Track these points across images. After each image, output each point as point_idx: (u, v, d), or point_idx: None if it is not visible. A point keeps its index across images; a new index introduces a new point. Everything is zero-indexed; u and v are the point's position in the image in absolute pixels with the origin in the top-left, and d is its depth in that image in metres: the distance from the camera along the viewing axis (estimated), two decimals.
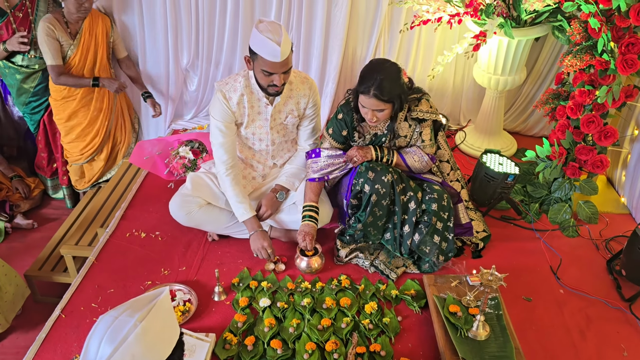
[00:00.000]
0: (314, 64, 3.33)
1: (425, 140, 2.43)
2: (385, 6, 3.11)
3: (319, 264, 2.43)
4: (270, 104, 2.41)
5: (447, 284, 2.30)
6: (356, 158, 2.39)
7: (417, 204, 2.36)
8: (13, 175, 3.58)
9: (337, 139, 2.47)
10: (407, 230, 2.38)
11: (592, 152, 2.64)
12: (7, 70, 3.26)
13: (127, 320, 1.11)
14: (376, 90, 2.17)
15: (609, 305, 2.34)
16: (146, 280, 2.39)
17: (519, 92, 3.49)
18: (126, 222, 2.74)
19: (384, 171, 2.33)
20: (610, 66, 2.42)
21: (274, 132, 2.51)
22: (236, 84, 2.38)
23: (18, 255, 3.22)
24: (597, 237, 2.72)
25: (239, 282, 2.39)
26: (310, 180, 2.48)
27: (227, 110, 2.38)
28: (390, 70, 2.23)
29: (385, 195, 2.33)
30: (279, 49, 2.11)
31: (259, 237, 2.39)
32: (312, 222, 2.41)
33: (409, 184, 2.38)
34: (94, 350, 1.10)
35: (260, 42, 2.14)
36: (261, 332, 2.13)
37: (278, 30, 2.15)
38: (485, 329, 2.05)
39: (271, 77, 2.23)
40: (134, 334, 1.10)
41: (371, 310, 2.22)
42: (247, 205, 2.42)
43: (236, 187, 2.42)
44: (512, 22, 2.74)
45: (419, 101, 2.37)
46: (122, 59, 3.42)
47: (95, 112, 3.34)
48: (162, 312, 1.17)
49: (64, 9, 3.06)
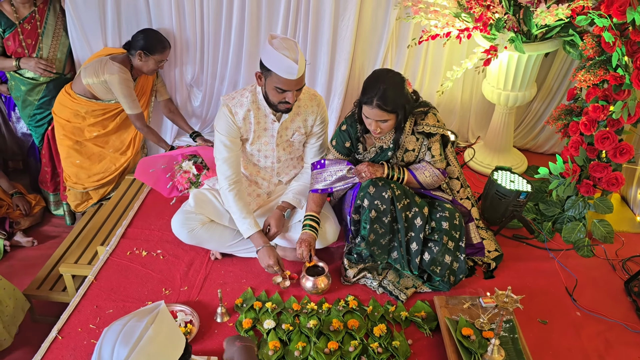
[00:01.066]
0: (321, 78, 3.28)
1: (435, 156, 2.36)
2: (393, 21, 3.07)
3: (326, 284, 2.34)
4: (277, 120, 2.36)
5: (459, 305, 2.21)
6: (364, 174, 2.32)
7: (424, 220, 2.28)
8: (14, 192, 3.52)
9: (341, 150, 2.41)
10: (415, 248, 2.30)
11: (606, 169, 2.57)
12: (13, 82, 3.25)
13: (137, 325, 1.17)
14: (379, 100, 2.12)
15: (629, 329, 2.24)
16: (147, 300, 2.31)
17: (529, 109, 3.43)
18: (127, 240, 2.67)
19: (385, 187, 2.25)
20: (625, 81, 2.36)
21: (280, 149, 2.45)
22: (243, 99, 2.32)
23: (17, 274, 3.14)
24: (614, 257, 2.63)
25: (242, 303, 2.30)
26: (313, 191, 2.42)
27: (232, 125, 2.33)
28: (393, 80, 2.18)
29: (385, 212, 2.26)
30: (297, 67, 2.07)
31: (267, 252, 2.31)
32: (312, 232, 2.34)
33: (414, 199, 2.30)
34: (107, 354, 1.13)
35: (275, 59, 2.09)
36: (265, 355, 2.04)
37: (294, 47, 2.11)
38: (501, 354, 1.96)
39: (284, 94, 2.18)
40: (147, 336, 1.15)
41: (380, 333, 2.12)
42: (252, 221, 2.35)
43: (240, 202, 2.35)
44: (523, 37, 2.69)
45: (425, 115, 2.31)
46: (164, 101, 3.44)
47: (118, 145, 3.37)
48: (167, 318, 1.23)
49: (135, 61, 3.06)
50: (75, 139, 3.27)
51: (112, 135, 3.33)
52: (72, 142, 3.27)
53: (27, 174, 3.81)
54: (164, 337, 1.19)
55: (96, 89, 3.08)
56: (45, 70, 3.16)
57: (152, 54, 3.03)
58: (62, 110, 3.21)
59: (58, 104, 3.23)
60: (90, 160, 3.35)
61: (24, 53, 3.15)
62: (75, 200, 3.50)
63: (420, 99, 2.34)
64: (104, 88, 3.06)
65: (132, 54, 3.04)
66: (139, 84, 3.22)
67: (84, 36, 3.24)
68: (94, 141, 3.30)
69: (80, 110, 3.17)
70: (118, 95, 3.04)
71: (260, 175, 2.55)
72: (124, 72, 3.01)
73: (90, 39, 3.25)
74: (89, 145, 3.31)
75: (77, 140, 3.27)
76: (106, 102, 3.16)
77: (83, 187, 3.39)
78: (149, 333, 1.16)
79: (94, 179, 3.37)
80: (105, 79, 2.99)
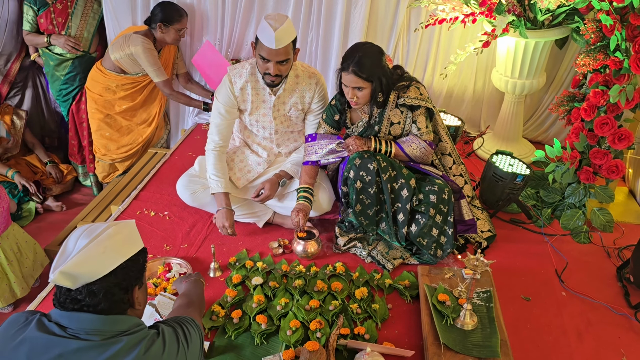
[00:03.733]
0: (333, 63, 3.39)
1: (422, 128, 2.41)
2: (404, 8, 3.15)
3: (315, 248, 2.44)
4: (273, 94, 2.48)
5: (440, 275, 2.27)
6: (352, 147, 2.40)
7: (411, 191, 2.34)
8: (48, 161, 3.81)
9: (331, 124, 2.50)
10: (401, 219, 2.37)
11: (607, 156, 2.56)
12: (44, 57, 3.53)
13: (100, 225, 1.33)
14: (355, 66, 2.20)
15: (613, 311, 2.23)
16: (149, 253, 2.46)
17: (540, 101, 3.42)
18: (138, 201, 2.86)
19: (370, 159, 2.32)
20: (624, 65, 2.36)
21: (277, 122, 2.57)
22: (243, 70, 2.46)
23: (42, 234, 3.38)
24: (611, 245, 2.61)
25: (235, 262, 2.43)
26: (305, 163, 2.53)
27: (230, 94, 2.47)
28: (370, 50, 2.26)
29: (371, 183, 2.33)
30: (274, 34, 2.17)
31: (226, 214, 2.44)
32: (306, 202, 2.44)
33: (401, 171, 2.36)
34: (71, 245, 1.27)
35: (261, 27, 2.22)
36: (249, 307, 2.15)
37: (282, 19, 2.22)
38: (473, 319, 2.00)
39: (266, 64, 2.29)
40: (106, 232, 1.29)
41: (361, 296, 2.20)
42: (224, 182, 2.47)
43: (218, 163, 2.49)
44: (528, 23, 2.72)
45: (407, 88, 2.36)
46: (182, 74, 3.67)
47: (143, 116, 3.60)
48: (130, 226, 1.37)
49: (157, 34, 3.27)
50: (106, 112, 3.52)
51: (140, 109, 3.57)
52: (103, 115, 3.52)
53: (63, 148, 4.10)
54: (122, 237, 1.31)
55: (124, 62, 3.31)
56: (73, 47, 3.44)
57: (171, 24, 3.23)
58: (95, 85, 3.46)
59: (91, 80, 3.49)
60: (120, 133, 3.60)
61: (54, 30, 3.43)
62: (102, 172, 3.75)
63: (406, 74, 2.40)
64: (131, 61, 3.28)
65: (153, 27, 3.26)
66: (162, 57, 3.42)
67: (114, 16, 3.49)
68: (123, 114, 3.54)
69: (111, 84, 3.42)
70: (144, 64, 3.25)
71: (260, 145, 2.68)
72: (147, 42, 3.23)
73: (120, 18, 3.50)
74: (118, 118, 3.55)
75: (107, 113, 3.52)
76: (134, 75, 3.39)
77: (111, 159, 3.64)
78: (109, 231, 1.29)
79: (122, 150, 3.62)
80: (131, 51, 3.22)
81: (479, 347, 1.91)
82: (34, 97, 3.91)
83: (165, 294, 2.11)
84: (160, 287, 2.23)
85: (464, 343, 1.92)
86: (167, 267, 2.34)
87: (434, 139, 2.52)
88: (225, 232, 2.45)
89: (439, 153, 2.58)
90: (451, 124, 3.10)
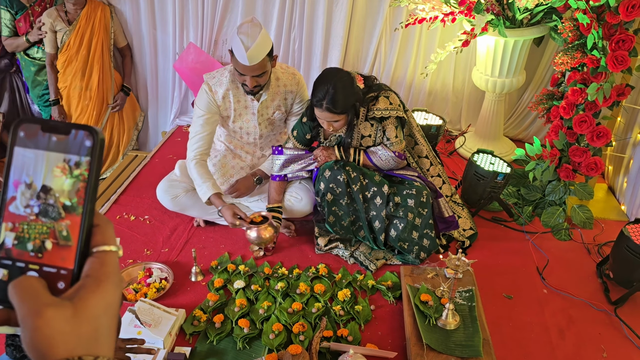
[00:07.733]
0: (315, 62, 3.39)
1: (391, 138, 2.37)
2: (386, 7, 3.16)
3: (271, 234, 2.35)
4: (256, 99, 2.45)
5: (423, 275, 2.27)
6: (319, 158, 2.39)
7: (384, 198, 2.32)
8: None
9: (301, 141, 2.46)
10: (377, 226, 2.36)
11: (586, 153, 2.59)
12: (23, 62, 3.46)
13: None
14: (329, 104, 2.15)
15: (594, 307, 2.25)
16: (128, 258, 2.44)
17: (520, 99, 3.45)
18: (118, 205, 2.82)
19: (340, 170, 2.30)
20: (601, 63, 2.38)
21: (262, 127, 2.54)
22: (222, 78, 2.42)
23: None
24: (591, 242, 2.64)
25: (217, 265, 2.41)
26: (273, 178, 2.51)
27: (212, 102, 2.42)
28: (341, 82, 2.17)
29: (342, 195, 2.32)
30: (246, 54, 2.13)
31: (229, 209, 2.33)
32: (276, 222, 2.44)
33: (372, 179, 2.34)
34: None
35: (235, 42, 2.18)
36: (231, 311, 2.13)
37: (255, 33, 2.15)
38: (455, 319, 2.00)
39: (243, 77, 2.26)
40: None
41: (344, 298, 2.19)
42: (211, 183, 2.36)
43: (201, 169, 2.38)
44: (507, 22, 2.73)
45: (376, 99, 2.30)
46: (122, 48, 3.61)
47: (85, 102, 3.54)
48: None
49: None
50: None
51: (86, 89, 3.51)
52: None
53: None
54: None
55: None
56: (39, 29, 3.31)
57: None
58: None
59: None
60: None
61: None
62: None
63: (376, 82, 2.36)
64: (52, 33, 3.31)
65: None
66: (82, 18, 3.30)
67: None
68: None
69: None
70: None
71: (244, 150, 2.65)
72: (48, 13, 3.25)
73: None
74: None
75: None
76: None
77: None
78: None
79: None
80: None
81: (462, 346, 1.91)
82: (11, 99, 3.84)
83: (145, 299, 2.08)
84: (141, 292, 2.21)
85: (447, 343, 1.92)
86: (147, 272, 2.31)
87: (409, 142, 2.51)
88: (238, 225, 2.33)
89: (415, 156, 2.58)
90: (433, 123, 3.10)
